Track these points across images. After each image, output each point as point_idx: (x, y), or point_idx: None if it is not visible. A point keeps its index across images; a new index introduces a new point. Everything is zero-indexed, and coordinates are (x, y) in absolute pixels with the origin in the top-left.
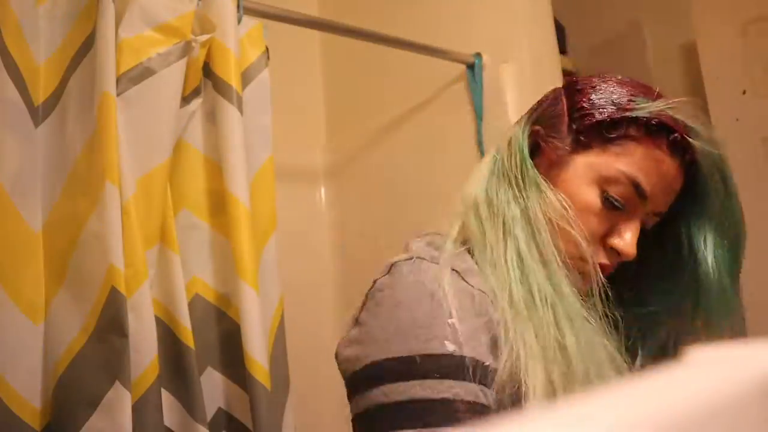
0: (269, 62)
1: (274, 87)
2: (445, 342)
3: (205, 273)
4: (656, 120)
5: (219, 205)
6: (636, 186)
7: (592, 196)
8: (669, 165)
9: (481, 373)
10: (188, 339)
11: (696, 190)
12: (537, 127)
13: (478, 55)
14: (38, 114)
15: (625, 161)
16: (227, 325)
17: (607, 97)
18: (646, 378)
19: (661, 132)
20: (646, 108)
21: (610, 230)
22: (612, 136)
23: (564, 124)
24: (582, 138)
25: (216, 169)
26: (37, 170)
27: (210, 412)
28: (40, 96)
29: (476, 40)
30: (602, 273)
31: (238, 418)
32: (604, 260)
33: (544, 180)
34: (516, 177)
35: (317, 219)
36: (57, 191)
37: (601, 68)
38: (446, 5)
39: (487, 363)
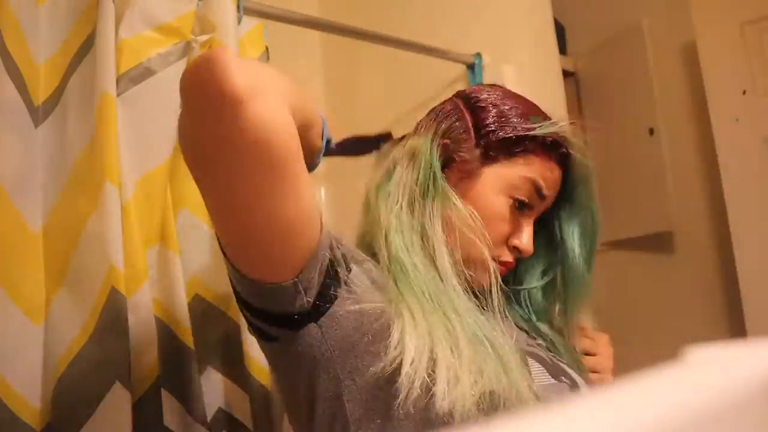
0: (269, 62)
1: None
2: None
3: (205, 273)
4: (551, 138)
5: None
6: (538, 190)
7: (501, 204)
8: (557, 173)
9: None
10: (188, 339)
11: (570, 193)
12: (446, 141)
13: (479, 55)
14: (38, 114)
15: (528, 170)
16: (227, 325)
17: (510, 115)
18: (646, 378)
19: (553, 147)
20: (544, 128)
21: (512, 232)
22: (517, 150)
23: (471, 140)
24: (491, 152)
25: None
26: (37, 170)
27: (210, 412)
28: (40, 96)
29: (476, 40)
30: (505, 268)
31: (238, 418)
32: (508, 258)
33: (453, 191)
34: (423, 189)
35: None
36: (57, 191)
37: (601, 68)
38: (446, 5)
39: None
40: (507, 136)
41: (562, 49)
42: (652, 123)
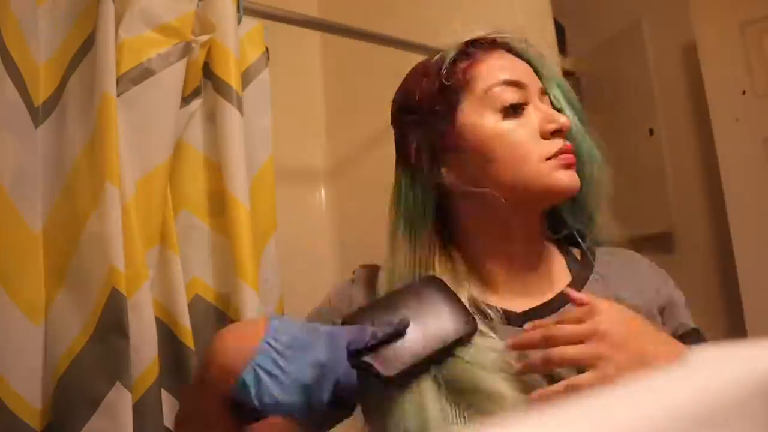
0: (269, 62)
1: (274, 87)
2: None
3: (205, 273)
4: (474, 41)
5: (219, 205)
6: (508, 82)
7: (497, 120)
8: (507, 57)
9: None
10: (188, 339)
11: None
12: (411, 145)
13: None
14: (38, 114)
15: (483, 79)
16: (227, 325)
17: (426, 67)
18: (646, 378)
19: (482, 44)
20: (454, 48)
21: (534, 126)
22: (459, 77)
23: (425, 113)
24: (447, 103)
25: (216, 169)
26: (37, 170)
27: None
28: (40, 96)
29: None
30: (569, 155)
31: None
32: (558, 144)
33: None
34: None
35: (317, 219)
36: (57, 191)
37: (601, 68)
38: (446, 5)
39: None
40: (441, 82)
41: (562, 49)
42: (652, 123)
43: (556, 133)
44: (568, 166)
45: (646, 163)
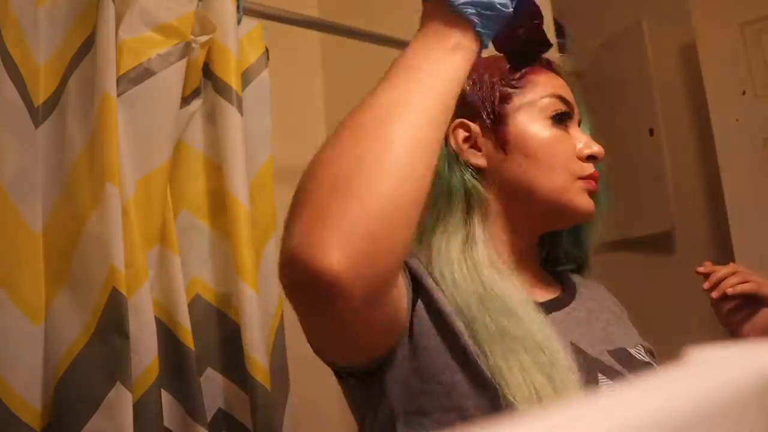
0: (269, 62)
1: (274, 87)
2: None
3: (205, 274)
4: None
5: (219, 205)
6: (563, 99)
7: (547, 127)
8: (560, 80)
9: None
10: (188, 340)
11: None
12: (458, 121)
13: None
14: (38, 114)
15: (541, 88)
16: (227, 325)
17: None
18: (646, 378)
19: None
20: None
21: (573, 146)
22: (519, 82)
23: (480, 102)
24: (505, 94)
25: (216, 169)
26: (37, 170)
27: (210, 413)
28: (40, 96)
29: None
30: (595, 182)
31: (238, 418)
32: (590, 169)
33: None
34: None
35: None
36: (57, 192)
37: (601, 68)
38: None
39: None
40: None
41: (562, 49)
42: (652, 123)
43: (590, 158)
44: (591, 192)
45: (646, 163)
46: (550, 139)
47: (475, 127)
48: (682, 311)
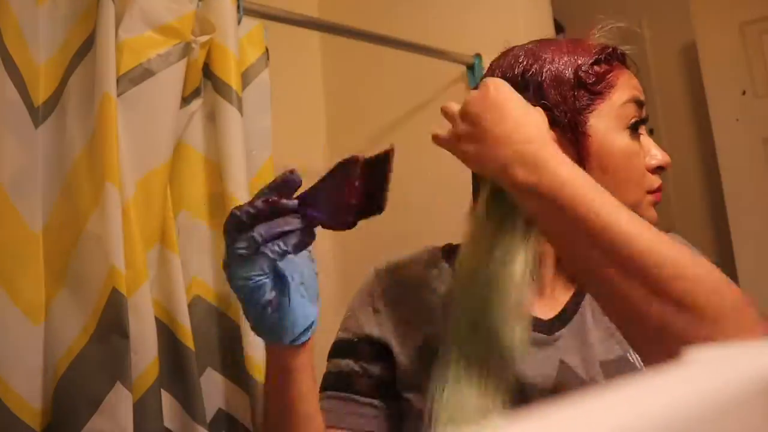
0: (269, 63)
1: (274, 87)
2: (340, 331)
3: (205, 274)
4: (608, 51)
5: (219, 206)
6: (638, 102)
7: (625, 139)
8: (633, 77)
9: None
10: (188, 340)
11: None
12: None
13: (478, 55)
14: (38, 114)
15: (620, 92)
16: (227, 325)
17: (569, 61)
18: (646, 378)
19: (614, 56)
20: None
21: (644, 156)
22: (596, 86)
23: (562, 103)
24: (584, 101)
25: (216, 170)
26: (37, 170)
27: (210, 413)
28: (40, 96)
29: (476, 40)
30: (660, 192)
31: (238, 418)
32: (658, 182)
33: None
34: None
35: None
36: (57, 192)
37: None
38: (446, 6)
39: (371, 334)
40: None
41: None
42: (652, 123)
43: (658, 169)
44: (657, 204)
45: None
46: (629, 153)
47: (553, 134)
48: None
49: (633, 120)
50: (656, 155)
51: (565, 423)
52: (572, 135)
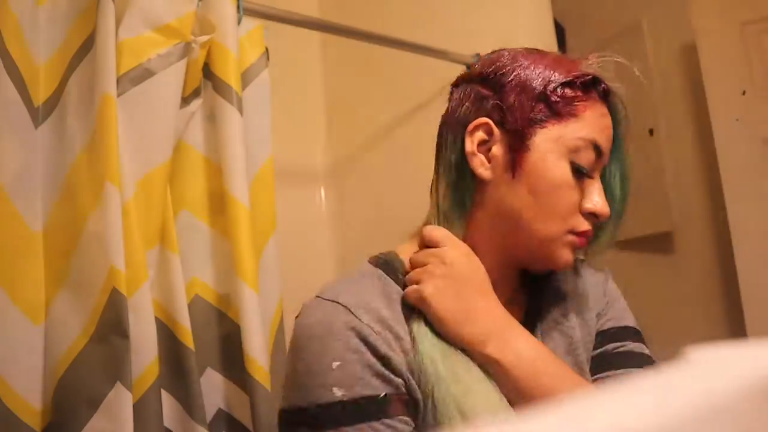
0: (269, 63)
1: (274, 87)
2: (333, 389)
3: (205, 274)
4: (589, 77)
5: (219, 205)
6: (597, 150)
7: (564, 169)
8: (607, 118)
9: (376, 407)
10: (188, 340)
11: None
12: (483, 121)
13: (478, 55)
14: (38, 114)
15: (583, 126)
16: (227, 326)
17: (539, 73)
18: (646, 378)
19: (594, 85)
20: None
21: (581, 196)
22: (562, 106)
23: (505, 118)
24: (535, 119)
25: (216, 169)
26: (37, 170)
27: (210, 413)
28: (40, 96)
29: (476, 40)
30: (585, 239)
31: (238, 418)
32: (586, 226)
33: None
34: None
35: (317, 219)
36: (57, 192)
37: (601, 68)
38: (446, 6)
39: (382, 394)
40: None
41: (562, 49)
42: (652, 123)
43: (591, 215)
44: (576, 249)
45: (646, 163)
46: (561, 184)
47: (497, 134)
48: (681, 311)
49: (579, 162)
50: (596, 202)
51: (564, 423)
52: (514, 143)
